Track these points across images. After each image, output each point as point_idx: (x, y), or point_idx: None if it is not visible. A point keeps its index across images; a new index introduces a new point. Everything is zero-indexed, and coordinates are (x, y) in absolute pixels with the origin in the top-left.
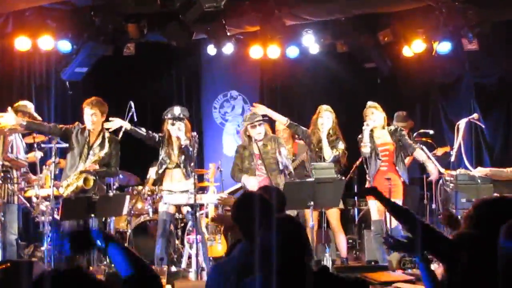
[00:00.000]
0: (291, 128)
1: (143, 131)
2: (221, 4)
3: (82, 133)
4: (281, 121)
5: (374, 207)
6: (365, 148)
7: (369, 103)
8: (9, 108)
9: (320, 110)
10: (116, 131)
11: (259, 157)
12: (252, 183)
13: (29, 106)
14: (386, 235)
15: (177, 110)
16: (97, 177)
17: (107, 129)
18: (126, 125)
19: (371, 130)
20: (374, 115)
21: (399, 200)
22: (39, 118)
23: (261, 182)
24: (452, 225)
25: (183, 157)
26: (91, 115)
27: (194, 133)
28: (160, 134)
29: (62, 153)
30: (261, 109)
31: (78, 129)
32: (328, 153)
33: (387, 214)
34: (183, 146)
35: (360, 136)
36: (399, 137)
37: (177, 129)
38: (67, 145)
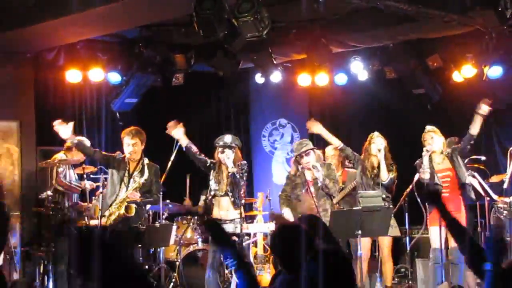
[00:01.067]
0: (343, 151)
1: (196, 151)
2: (263, 33)
3: (123, 162)
4: (335, 143)
5: (435, 234)
6: (425, 174)
7: (428, 127)
8: (71, 123)
9: (372, 136)
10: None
11: (312, 183)
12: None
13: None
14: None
15: (228, 138)
16: (139, 205)
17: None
18: (183, 140)
19: (430, 156)
20: (433, 139)
21: None
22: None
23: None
24: None
25: (231, 186)
26: (132, 145)
27: (244, 162)
28: (212, 160)
29: None
30: (316, 127)
31: (119, 158)
32: (385, 175)
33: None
34: (229, 174)
35: (418, 161)
36: (454, 159)
37: (226, 157)
38: None
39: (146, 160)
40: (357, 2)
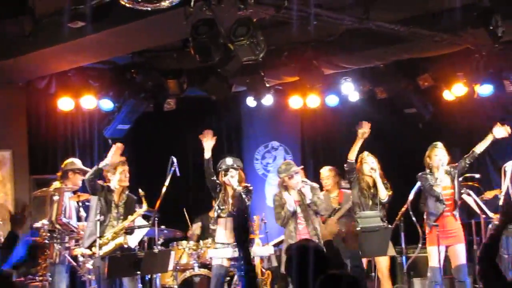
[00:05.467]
0: (350, 165)
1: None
2: (259, 56)
3: (109, 192)
4: (352, 155)
5: (434, 253)
6: (438, 188)
7: (439, 143)
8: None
9: (363, 157)
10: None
11: (298, 203)
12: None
13: (76, 162)
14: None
15: (229, 160)
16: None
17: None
18: (208, 152)
19: (432, 172)
20: (445, 157)
21: (462, 245)
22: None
23: (301, 231)
24: None
25: (236, 207)
26: (128, 172)
27: (249, 185)
28: (218, 182)
29: None
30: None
31: (104, 187)
32: (384, 193)
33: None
34: (236, 192)
35: (422, 174)
36: (455, 177)
37: (230, 177)
38: None
39: (141, 192)
40: (350, 23)
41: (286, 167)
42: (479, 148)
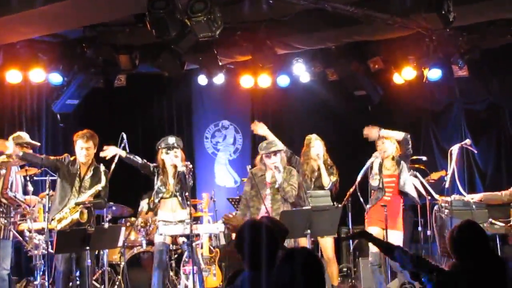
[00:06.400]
0: (286, 154)
1: (138, 159)
2: (216, 33)
3: (73, 165)
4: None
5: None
6: (374, 182)
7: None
8: (10, 138)
9: (310, 140)
10: (110, 159)
11: (270, 185)
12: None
13: (24, 135)
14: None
15: (171, 139)
16: (91, 209)
17: (103, 157)
18: (121, 152)
19: (382, 160)
20: (384, 145)
21: (398, 233)
22: (38, 143)
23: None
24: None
25: (179, 186)
26: (86, 148)
27: (189, 163)
28: (154, 164)
29: (55, 186)
30: (261, 129)
31: (68, 161)
32: (327, 181)
33: None
34: (179, 172)
35: (370, 164)
36: (400, 165)
37: (173, 157)
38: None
39: (102, 167)
40: (305, 3)
41: (267, 145)
42: (396, 136)
